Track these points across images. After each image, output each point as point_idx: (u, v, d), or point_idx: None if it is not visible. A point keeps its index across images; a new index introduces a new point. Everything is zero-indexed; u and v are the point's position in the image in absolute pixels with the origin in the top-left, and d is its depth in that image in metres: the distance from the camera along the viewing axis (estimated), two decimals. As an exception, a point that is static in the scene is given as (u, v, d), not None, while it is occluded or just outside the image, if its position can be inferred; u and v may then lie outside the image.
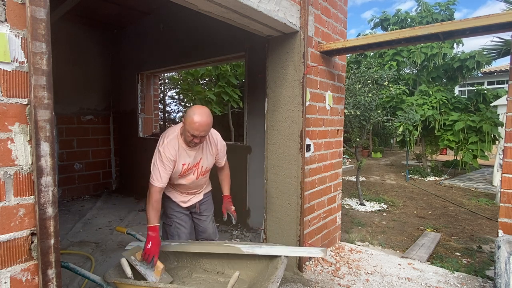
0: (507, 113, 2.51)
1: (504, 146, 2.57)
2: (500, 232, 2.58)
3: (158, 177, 2.05)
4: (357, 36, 8.04)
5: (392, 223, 5.02)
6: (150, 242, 1.92)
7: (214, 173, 2.59)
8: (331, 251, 3.58)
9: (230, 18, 2.49)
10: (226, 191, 2.53)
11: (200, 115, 2.00)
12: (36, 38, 1.25)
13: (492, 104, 8.67)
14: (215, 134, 2.36)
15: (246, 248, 1.95)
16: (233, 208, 2.42)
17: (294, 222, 2.94)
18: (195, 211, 2.45)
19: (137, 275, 1.92)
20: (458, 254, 3.83)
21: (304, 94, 2.83)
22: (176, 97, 12.31)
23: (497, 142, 7.96)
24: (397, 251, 3.89)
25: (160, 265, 1.99)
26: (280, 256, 1.84)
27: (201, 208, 2.46)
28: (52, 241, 1.33)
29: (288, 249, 1.91)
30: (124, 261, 1.90)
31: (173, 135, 2.14)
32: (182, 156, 2.14)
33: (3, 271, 1.25)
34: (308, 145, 3.07)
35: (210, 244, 2.21)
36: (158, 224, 2.01)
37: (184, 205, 2.37)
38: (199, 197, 2.45)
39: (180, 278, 2.10)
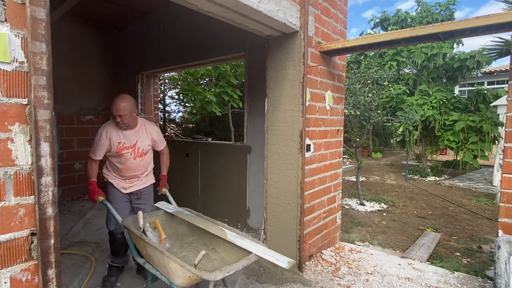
0: (507, 113, 2.51)
1: (504, 146, 2.57)
2: (500, 232, 2.58)
3: (93, 151, 2.61)
4: (360, 36, 8.05)
5: (392, 223, 5.02)
6: (90, 192, 2.50)
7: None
8: (331, 251, 3.58)
9: (230, 18, 2.49)
10: (164, 171, 2.90)
11: (116, 99, 2.51)
12: (36, 38, 1.25)
13: (492, 104, 8.67)
14: (150, 125, 2.83)
15: (231, 236, 2.15)
16: (167, 186, 2.83)
17: (294, 222, 2.94)
18: (136, 197, 2.76)
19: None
20: (458, 254, 3.83)
21: (304, 94, 2.83)
22: (176, 97, 12.31)
23: (497, 142, 7.96)
24: (397, 251, 3.89)
25: (163, 234, 2.26)
26: (252, 252, 1.96)
27: (142, 195, 2.78)
28: (52, 241, 1.33)
29: (260, 248, 2.01)
30: (140, 213, 2.28)
31: (110, 121, 2.65)
32: (117, 136, 2.59)
33: (3, 271, 1.25)
34: (308, 145, 3.07)
35: (207, 221, 2.39)
36: (94, 179, 2.58)
37: (125, 191, 2.69)
38: (140, 185, 2.76)
39: (179, 244, 2.36)
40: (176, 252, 2.25)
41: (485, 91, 9.17)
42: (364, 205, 5.97)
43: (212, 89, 7.89)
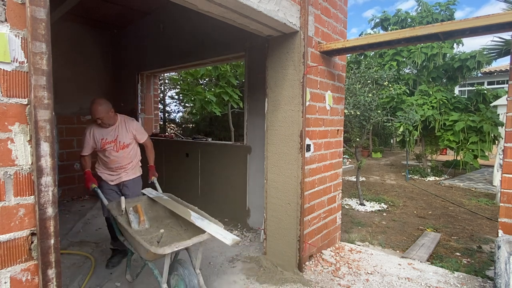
0: (507, 113, 2.51)
1: (504, 146, 2.57)
2: (500, 232, 2.58)
3: (83, 148, 2.97)
4: (359, 36, 8.05)
5: (392, 223, 5.02)
6: (85, 180, 2.90)
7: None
8: (331, 251, 3.58)
9: (230, 18, 2.49)
10: (151, 162, 3.20)
11: (93, 104, 2.80)
12: (36, 38, 1.25)
13: (492, 104, 8.67)
14: (130, 120, 3.11)
15: (194, 217, 2.44)
16: (156, 174, 3.15)
17: (294, 222, 2.94)
18: (122, 189, 3.09)
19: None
20: (458, 254, 3.83)
21: (304, 94, 2.83)
22: (176, 97, 12.31)
23: (497, 142, 7.96)
24: (397, 251, 3.89)
25: (142, 217, 2.59)
26: (205, 232, 2.24)
27: (128, 186, 3.08)
28: (52, 241, 1.33)
29: (214, 228, 2.28)
30: (122, 198, 2.61)
31: (92, 122, 2.97)
32: (99, 133, 2.93)
33: (3, 271, 1.25)
34: (308, 145, 3.07)
35: (181, 205, 2.66)
36: (89, 169, 2.95)
37: (112, 183, 3.04)
38: (125, 177, 3.07)
39: (158, 225, 2.68)
40: (152, 231, 2.57)
41: (485, 91, 9.17)
42: (364, 205, 5.97)
43: (212, 89, 7.88)
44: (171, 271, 2.33)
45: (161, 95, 11.89)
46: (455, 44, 9.61)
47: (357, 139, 6.13)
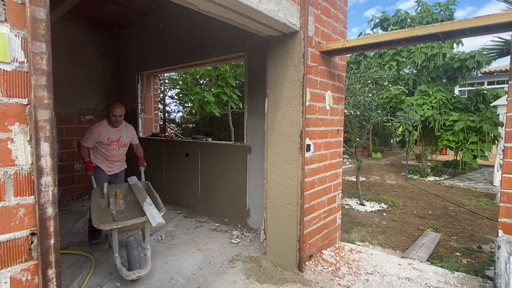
0: (507, 113, 2.51)
1: (504, 146, 2.57)
2: (500, 232, 2.58)
3: (86, 140, 3.50)
4: (359, 36, 8.04)
5: (392, 223, 5.02)
6: (86, 167, 3.50)
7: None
8: (331, 251, 3.58)
9: (230, 18, 2.49)
10: (141, 154, 3.89)
11: (117, 104, 3.52)
12: (36, 38, 1.25)
13: (492, 104, 8.66)
14: (128, 125, 3.80)
15: (145, 203, 3.04)
16: (145, 164, 3.80)
17: (294, 222, 2.94)
18: (114, 177, 3.79)
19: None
20: (458, 254, 3.83)
21: (304, 94, 2.83)
22: (176, 97, 12.31)
23: (497, 142, 7.96)
24: (397, 251, 3.89)
25: (118, 200, 3.27)
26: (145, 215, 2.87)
27: (118, 175, 3.83)
28: (52, 241, 1.33)
29: (153, 213, 2.86)
30: (105, 184, 3.30)
31: (102, 121, 3.60)
32: (107, 132, 3.54)
33: (3, 271, 1.25)
34: (308, 145, 3.07)
35: (143, 192, 3.30)
36: (89, 159, 3.55)
37: (109, 173, 3.71)
38: (118, 169, 3.81)
39: (131, 207, 3.33)
40: (124, 211, 3.25)
41: (485, 91, 9.17)
42: (364, 205, 5.97)
43: (211, 89, 7.88)
44: (126, 246, 2.92)
45: (161, 95, 11.89)
46: (455, 44, 9.62)
47: (357, 139, 6.13)
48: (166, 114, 12.63)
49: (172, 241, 3.81)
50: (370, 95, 5.59)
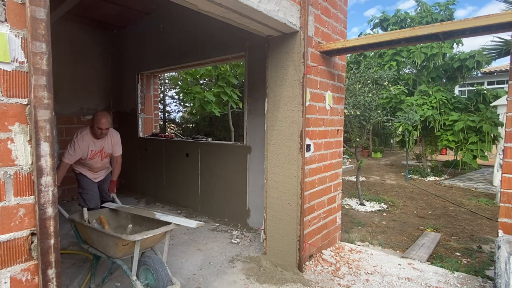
0: (507, 113, 2.51)
1: (504, 146, 2.57)
2: (500, 232, 2.58)
3: (68, 156, 3.14)
4: (359, 36, 8.04)
5: (392, 223, 5.02)
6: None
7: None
8: (331, 251, 3.58)
9: (230, 18, 2.49)
10: (115, 177, 3.56)
11: (101, 116, 3.12)
12: (36, 38, 1.25)
13: (492, 104, 8.67)
14: (115, 133, 3.46)
15: (158, 215, 2.68)
16: (115, 191, 3.49)
17: (294, 222, 2.94)
18: (100, 182, 3.57)
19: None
20: (458, 254, 3.83)
21: (304, 94, 2.83)
22: (176, 97, 12.31)
23: (497, 142, 7.96)
24: (397, 251, 3.89)
25: (106, 226, 2.82)
26: (170, 223, 2.48)
27: (104, 179, 3.60)
28: (52, 241, 1.33)
29: (177, 220, 2.53)
30: (85, 209, 2.82)
31: (85, 132, 3.21)
32: (90, 145, 3.23)
33: (3, 271, 1.25)
34: (308, 145, 3.07)
35: (142, 210, 3.11)
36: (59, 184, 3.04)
37: (96, 180, 3.50)
38: (103, 176, 3.60)
39: (121, 232, 2.78)
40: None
41: (485, 91, 9.17)
42: (364, 205, 5.97)
43: (212, 89, 7.88)
44: (139, 266, 2.43)
45: (161, 95, 11.89)
46: (454, 44, 9.61)
47: (357, 139, 6.13)
48: (166, 114, 12.63)
49: (172, 241, 3.81)
50: (370, 95, 5.59)
